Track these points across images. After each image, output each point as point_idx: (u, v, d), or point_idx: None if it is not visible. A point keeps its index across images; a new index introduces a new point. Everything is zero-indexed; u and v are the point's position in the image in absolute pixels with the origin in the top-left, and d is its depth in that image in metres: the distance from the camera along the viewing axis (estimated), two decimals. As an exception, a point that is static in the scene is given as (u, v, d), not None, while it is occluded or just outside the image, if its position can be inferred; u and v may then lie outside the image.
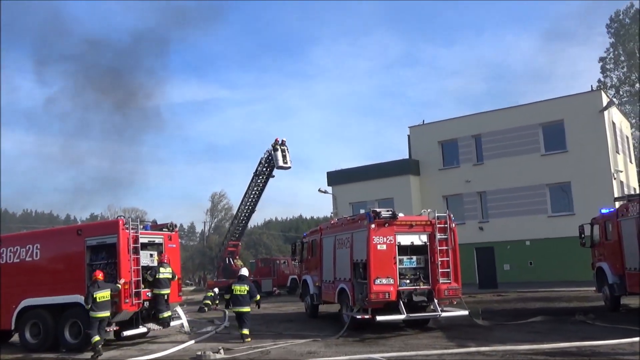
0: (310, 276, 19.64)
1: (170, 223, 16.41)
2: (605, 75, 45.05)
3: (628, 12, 43.33)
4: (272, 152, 34.25)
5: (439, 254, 15.00)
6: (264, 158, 35.30)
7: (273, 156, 34.21)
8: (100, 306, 13.44)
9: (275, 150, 34.12)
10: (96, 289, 13.44)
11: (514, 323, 15.60)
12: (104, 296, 13.52)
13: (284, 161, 34.25)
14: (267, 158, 35.04)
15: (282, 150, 34.47)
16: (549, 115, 31.24)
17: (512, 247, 31.00)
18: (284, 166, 34.43)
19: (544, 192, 30.98)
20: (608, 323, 14.36)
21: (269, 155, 34.84)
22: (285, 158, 34.35)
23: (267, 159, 35.06)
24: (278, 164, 34.18)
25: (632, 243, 15.25)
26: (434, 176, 34.52)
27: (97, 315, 13.42)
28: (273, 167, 35.24)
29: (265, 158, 35.14)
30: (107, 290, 13.65)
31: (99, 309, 13.41)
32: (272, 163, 34.91)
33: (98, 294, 13.40)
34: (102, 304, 13.47)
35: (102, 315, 13.51)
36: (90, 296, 13.37)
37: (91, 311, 13.39)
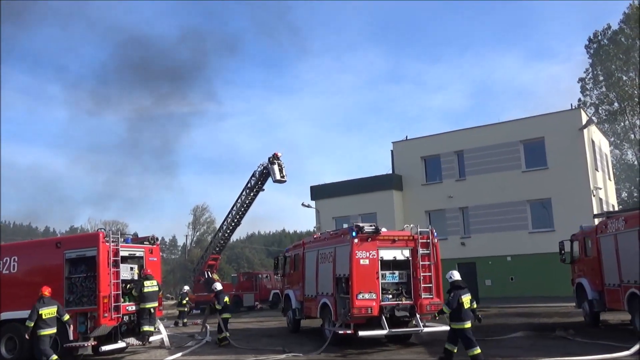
0: (292, 290, 19.54)
1: (152, 236, 16.27)
2: (584, 94, 45.96)
3: (606, 33, 44.34)
4: (268, 165, 34.22)
5: (421, 269, 15.06)
6: (257, 171, 35.30)
7: (270, 169, 34.18)
8: (48, 323, 13.10)
9: (273, 164, 34.11)
10: (42, 305, 13.10)
11: (495, 339, 15.66)
12: (50, 312, 13.19)
13: (280, 175, 34.30)
14: (261, 171, 35.04)
15: (279, 164, 34.50)
16: (530, 133, 31.68)
17: (494, 263, 31.19)
18: (280, 180, 34.44)
19: (525, 209, 31.28)
20: (588, 339, 14.48)
21: (263, 169, 34.84)
22: (281, 172, 34.40)
23: (261, 172, 35.05)
24: (275, 177, 34.12)
25: (611, 259, 15.45)
26: (416, 191, 34.71)
27: (45, 333, 13.07)
28: (266, 181, 35.24)
29: (260, 171, 35.14)
30: (53, 307, 13.30)
31: (47, 326, 13.07)
32: (266, 177, 34.93)
33: (44, 311, 13.07)
34: (49, 321, 13.14)
35: (50, 332, 13.18)
36: (35, 312, 12.97)
37: (39, 329, 12.98)
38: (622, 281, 14.81)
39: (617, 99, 43.42)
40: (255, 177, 35.31)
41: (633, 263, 13.98)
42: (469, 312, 11.51)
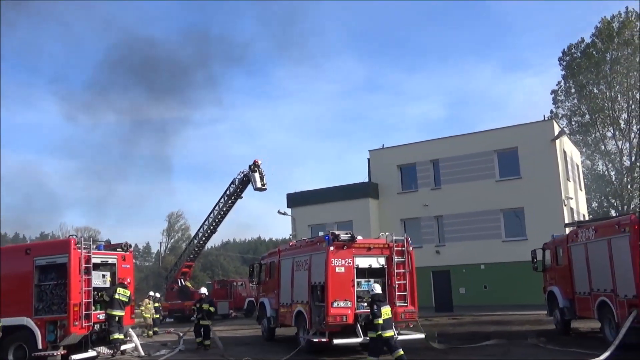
0: (267, 299, 19.42)
1: (125, 243, 16.05)
2: (557, 106, 46.90)
3: (579, 46, 45.40)
4: (249, 173, 34.18)
5: (396, 277, 15.13)
6: (237, 179, 35.19)
7: (251, 177, 34.14)
8: None
9: (254, 172, 34.10)
10: None
11: (469, 346, 15.78)
12: None
13: (261, 183, 34.28)
14: (241, 179, 34.95)
15: (260, 172, 34.49)
16: (504, 143, 32.19)
17: (468, 271, 31.50)
18: (261, 188, 34.41)
19: (499, 217, 31.71)
20: (559, 346, 14.70)
21: (243, 176, 34.77)
22: (262, 180, 34.38)
23: (241, 179, 34.96)
24: (256, 185, 34.09)
25: (582, 268, 15.73)
26: (392, 200, 34.91)
27: None
28: (245, 188, 35.17)
29: (240, 179, 35.04)
30: None
31: None
32: (245, 184, 34.85)
33: None
34: None
35: None
36: None
37: None
38: (592, 289, 15.07)
39: (588, 111, 44.40)
40: (235, 184, 35.19)
41: (603, 272, 14.25)
42: (388, 322, 12.38)
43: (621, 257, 13.30)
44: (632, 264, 12.69)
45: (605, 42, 43.07)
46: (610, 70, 42.49)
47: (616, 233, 13.60)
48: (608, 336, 13.86)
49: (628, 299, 12.95)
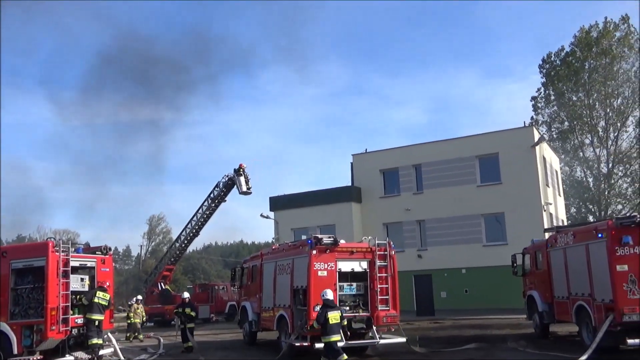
0: (249, 302, 19.33)
1: (104, 246, 15.86)
2: (537, 112, 47.52)
3: (559, 54, 46.10)
4: (234, 177, 34.30)
5: (378, 281, 15.17)
6: (222, 182, 35.21)
7: (236, 181, 34.28)
8: None
9: (239, 176, 34.24)
10: None
11: (449, 350, 15.89)
12: None
13: (247, 187, 34.44)
14: (226, 182, 34.96)
15: (245, 176, 34.66)
16: (485, 148, 32.50)
17: (449, 275, 31.69)
18: (246, 192, 34.59)
19: (480, 222, 31.98)
20: (538, 350, 14.87)
21: (228, 180, 34.81)
22: (247, 184, 34.53)
23: (226, 183, 34.97)
24: (242, 189, 34.34)
25: (561, 272, 15.93)
26: (375, 204, 35.03)
27: None
28: (229, 192, 35.24)
29: (224, 182, 35.04)
30: None
31: None
32: (230, 188, 34.91)
33: None
34: None
35: None
36: None
37: None
38: (570, 294, 15.28)
39: (567, 119, 45.06)
40: (219, 187, 35.25)
41: (581, 276, 14.45)
42: (334, 327, 12.44)
43: (598, 262, 13.51)
44: (609, 269, 12.90)
45: (584, 51, 43.80)
46: (588, 78, 43.19)
47: (594, 238, 13.81)
48: (585, 340, 14.05)
49: (605, 303, 13.15)
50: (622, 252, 12.80)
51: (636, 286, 12.55)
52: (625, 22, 43.29)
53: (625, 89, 42.52)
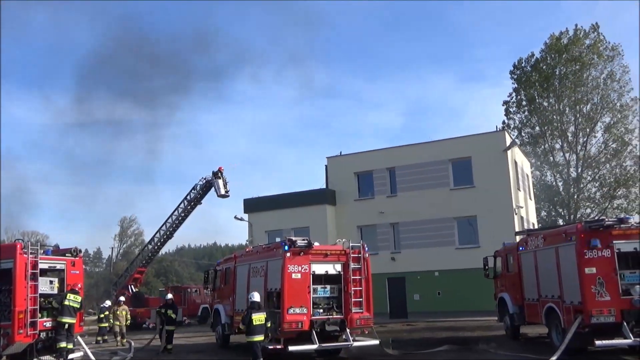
0: (222, 305, 19.18)
1: (74, 248, 15.56)
2: (508, 117, 48.29)
3: (530, 60, 46.94)
4: (213, 179, 34.17)
5: (352, 283, 15.19)
6: (199, 184, 35.02)
7: (215, 184, 34.16)
8: None
9: (218, 179, 34.15)
10: None
11: (422, 352, 16.00)
12: None
13: (225, 190, 34.29)
14: (204, 185, 34.78)
15: (223, 178, 34.56)
16: (458, 152, 32.88)
17: (422, 278, 31.93)
18: (224, 195, 34.45)
19: (453, 225, 32.31)
20: (509, 351, 15.08)
21: (206, 182, 34.62)
22: (225, 186, 34.41)
23: (203, 185, 34.79)
24: (220, 192, 34.35)
25: (531, 275, 16.20)
26: (349, 206, 35.11)
27: None
28: (206, 194, 35.08)
29: (202, 185, 34.85)
30: None
31: None
32: (207, 190, 34.76)
33: None
34: None
35: None
36: None
37: None
38: (540, 296, 15.54)
39: (538, 124, 45.90)
40: (196, 190, 35.09)
41: (551, 279, 14.71)
42: (257, 328, 13.46)
43: (568, 264, 13.77)
44: (578, 271, 13.16)
45: (554, 57, 44.71)
46: (559, 84, 44.09)
47: (563, 241, 14.08)
48: (555, 341, 14.30)
49: (574, 305, 13.41)
50: (591, 255, 13.07)
51: (604, 288, 12.82)
52: (595, 30, 44.33)
53: (594, 95, 43.51)
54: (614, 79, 43.21)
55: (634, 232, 13.30)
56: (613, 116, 43.44)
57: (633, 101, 42.94)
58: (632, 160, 43.33)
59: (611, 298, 12.79)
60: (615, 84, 43.23)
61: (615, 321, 12.69)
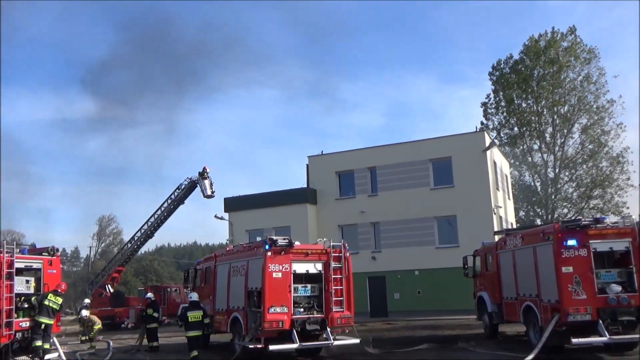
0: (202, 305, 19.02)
1: (51, 247, 15.34)
2: (487, 118, 48.79)
3: (508, 61, 47.46)
4: (199, 180, 33.96)
5: (333, 282, 15.20)
6: (184, 184, 34.78)
7: (201, 184, 33.98)
8: None
9: (204, 179, 33.96)
10: None
11: (402, 351, 16.09)
12: None
13: (211, 190, 34.16)
14: (188, 185, 34.57)
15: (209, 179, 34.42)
16: (438, 152, 33.14)
17: (402, 277, 32.12)
18: (210, 195, 34.29)
19: (432, 225, 32.55)
20: (487, 350, 15.25)
21: (190, 182, 34.41)
22: (211, 187, 34.27)
23: (188, 185, 34.58)
24: (206, 192, 34.28)
25: (509, 274, 16.39)
26: (330, 206, 35.16)
27: None
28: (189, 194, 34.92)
29: (187, 185, 34.62)
30: None
31: None
32: (191, 190, 34.66)
33: None
34: None
35: None
36: None
37: None
38: (518, 295, 15.73)
39: (516, 124, 46.45)
40: (181, 189, 34.88)
41: (528, 278, 14.90)
42: (193, 325, 15.48)
43: (545, 263, 13.96)
44: (555, 270, 13.34)
45: (532, 59, 45.28)
46: (537, 86, 44.66)
47: (541, 241, 14.27)
48: (532, 339, 14.47)
49: (551, 303, 13.59)
50: (568, 254, 13.25)
51: (581, 287, 13.02)
52: (572, 32, 45.00)
53: (571, 97, 44.17)
54: (591, 82, 43.88)
55: (609, 232, 13.54)
56: (590, 118, 44.11)
57: (609, 103, 43.71)
58: (608, 161, 44.09)
59: (587, 297, 12.99)
60: (592, 86, 43.91)
61: (592, 319, 12.90)
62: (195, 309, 15.76)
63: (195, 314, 15.57)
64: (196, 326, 15.51)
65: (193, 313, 15.55)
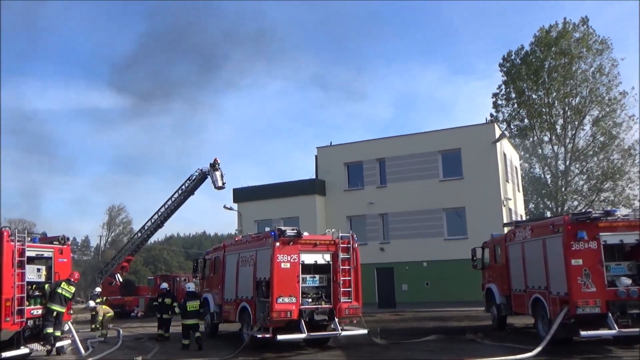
0: (211, 294, 19.19)
1: (62, 236, 15.48)
2: (497, 110, 48.49)
3: (519, 53, 47.04)
4: (210, 171, 34.19)
5: (341, 273, 15.23)
6: (195, 176, 34.98)
7: (212, 176, 34.21)
8: None
9: (215, 170, 34.16)
10: None
11: (410, 342, 16.12)
12: None
13: (222, 182, 34.39)
14: (199, 176, 34.78)
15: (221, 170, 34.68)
16: (448, 144, 32.99)
17: (411, 268, 32.14)
18: (221, 187, 34.53)
19: (441, 216, 32.48)
20: (495, 341, 15.24)
21: (201, 174, 34.63)
22: (222, 178, 34.48)
23: (199, 177, 34.80)
24: (217, 184, 34.52)
25: (518, 266, 16.34)
26: (339, 197, 35.17)
27: None
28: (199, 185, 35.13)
29: (197, 176, 34.84)
30: None
31: None
32: (202, 181, 35.07)
33: None
34: None
35: None
36: None
37: None
38: (527, 287, 15.69)
39: (527, 116, 46.12)
40: (191, 180, 35.09)
41: (537, 270, 14.85)
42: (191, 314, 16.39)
43: (554, 256, 13.89)
44: (564, 263, 13.29)
45: (543, 50, 44.85)
46: (548, 77, 44.26)
47: (550, 233, 14.20)
48: (541, 331, 14.45)
49: (560, 296, 13.55)
50: (577, 247, 13.18)
51: (590, 280, 12.96)
52: (584, 23, 44.50)
53: (583, 88, 43.76)
54: (603, 73, 43.46)
55: (620, 225, 13.45)
56: (601, 109, 43.71)
57: (621, 95, 43.26)
58: (619, 153, 43.74)
59: (597, 289, 12.93)
60: (604, 78, 43.49)
61: (601, 312, 12.84)
62: (193, 298, 16.71)
63: (193, 303, 16.54)
64: (193, 315, 16.39)
65: (191, 303, 16.52)
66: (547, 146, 45.88)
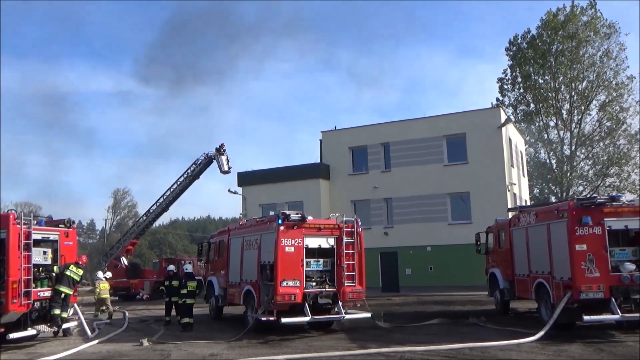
0: (215, 277, 19.32)
1: (68, 219, 15.59)
2: (503, 94, 48.15)
3: (525, 37, 46.59)
4: (216, 155, 34.12)
5: (345, 257, 15.29)
6: (201, 160, 34.95)
7: (218, 160, 34.12)
8: None
9: (221, 155, 34.08)
10: None
11: (413, 325, 16.22)
12: None
13: (227, 166, 34.37)
14: (205, 160, 34.76)
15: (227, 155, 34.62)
16: (453, 128, 32.88)
17: (414, 253, 32.23)
18: (227, 171, 34.48)
19: (445, 201, 32.49)
20: (498, 325, 15.31)
21: (206, 158, 34.60)
22: (228, 163, 34.44)
23: (204, 161, 34.78)
24: (223, 168, 34.36)
25: (522, 251, 16.36)
26: (343, 181, 35.20)
27: None
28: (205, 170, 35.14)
29: (203, 160, 34.83)
30: None
31: None
32: (207, 166, 34.89)
33: None
34: None
35: None
36: None
37: None
38: (530, 272, 15.71)
39: (533, 101, 45.81)
40: (197, 165, 35.08)
41: (541, 255, 14.85)
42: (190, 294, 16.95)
43: (558, 241, 13.89)
44: (568, 248, 13.28)
45: (550, 34, 44.37)
46: (554, 61, 43.87)
47: (555, 218, 14.17)
48: (544, 316, 14.50)
49: (563, 281, 13.57)
50: (582, 232, 13.15)
51: (594, 265, 12.97)
52: (592, 7, 43.96)
53: (590, 73, 43.39)
54: (610, 57, 43.08)
55: (625, 210, 13.39)
56: (608, 94, 43.40)
57: (629, 79, 42.87)
58: (625, 139, 43.49)
59: (600, 274, 12.93)
60: (612, 62, 43.14)
61: (604, 297, 12.86)
62: (191, 279, 17.25)
63: (192, 284, 17.14)
64: (191, 295, 16.99)
65: (191, 283, 17.11)
66: (553, 131, 45.66)
